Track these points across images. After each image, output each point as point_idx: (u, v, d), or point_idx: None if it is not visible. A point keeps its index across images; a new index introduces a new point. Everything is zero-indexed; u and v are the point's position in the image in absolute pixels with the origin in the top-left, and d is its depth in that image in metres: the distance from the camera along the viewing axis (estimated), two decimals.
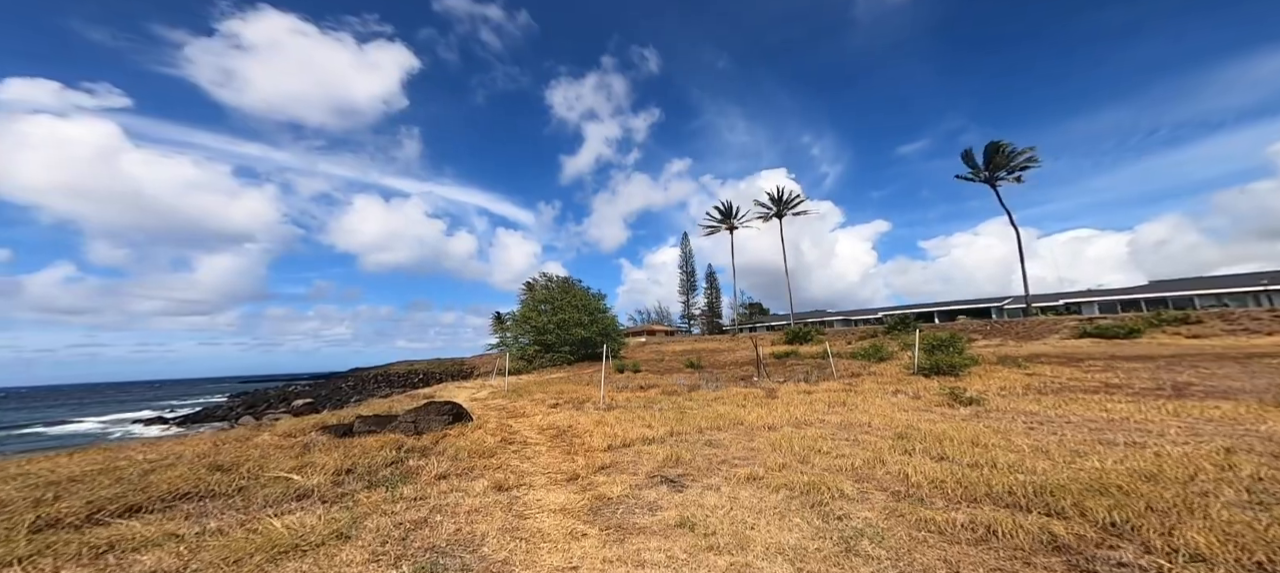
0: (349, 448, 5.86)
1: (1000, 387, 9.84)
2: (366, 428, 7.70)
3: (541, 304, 33.86)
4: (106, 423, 37.77)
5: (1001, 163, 45.50)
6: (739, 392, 12.16)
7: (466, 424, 7.83)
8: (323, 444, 6.16)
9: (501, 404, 12.25)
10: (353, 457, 5.44)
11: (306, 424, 8.20)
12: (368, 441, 6.23)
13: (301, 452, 5.66)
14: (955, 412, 7.64)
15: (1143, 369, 11.69)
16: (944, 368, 12.68)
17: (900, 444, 5.57)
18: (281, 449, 5.80)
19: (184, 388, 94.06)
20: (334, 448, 5.86)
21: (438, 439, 6.71)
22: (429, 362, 73.65)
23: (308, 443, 6.19)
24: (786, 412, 8.59)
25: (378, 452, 5.66)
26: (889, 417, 7.35)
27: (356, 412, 9.89)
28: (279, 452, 5.62)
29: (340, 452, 5.61)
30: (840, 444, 5.82)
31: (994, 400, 8.21)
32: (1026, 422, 6.50)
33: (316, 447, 6.03)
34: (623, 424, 7.93)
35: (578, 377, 20.93)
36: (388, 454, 5.57)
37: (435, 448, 6.22)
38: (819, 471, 4.80)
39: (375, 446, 5.87)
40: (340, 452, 5.61)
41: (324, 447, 6.03)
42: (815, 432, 6.74)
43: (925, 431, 6.07)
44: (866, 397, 9.82)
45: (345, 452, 5.60)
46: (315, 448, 5.91)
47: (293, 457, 5.38)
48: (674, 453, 5.70)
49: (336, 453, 5.54)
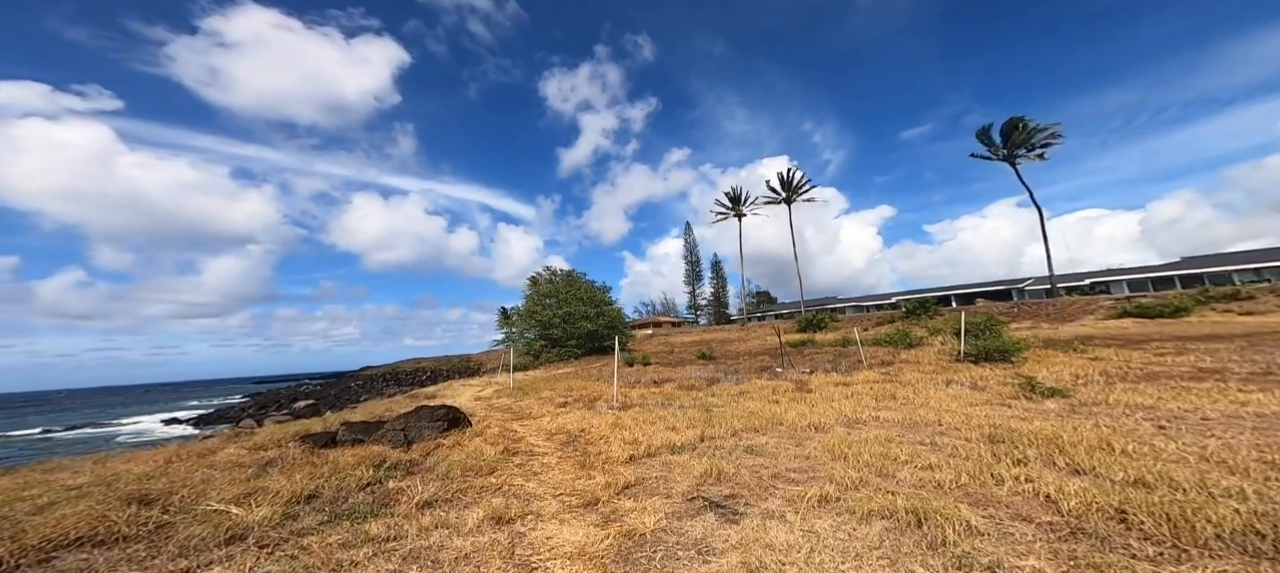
0: (319, 465, 4.85)
1: (1074, 375, 8.64)
2: (351, 436, 6.72)
3: (546, 298, 32.97)
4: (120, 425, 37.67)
5: (1021, 140, 43.57)
6: (765, 385, 11.05)
7: (464, 431, 6.81)
8: (291, 460, 5.17)
9: (506, 404, 11.26)
10: (320, 477, 4.43)
11: (286, 433, 7.24)
12: (345, 455, 5.22)
13: (258, 472, 4.66)
14: (1039, 406, 6.48)
15: (1224, 351, 10.39)
16: (993, 354, 11.47)
17: (1000, 450, 4.44)
18: (237, 468, 4.81)
19: (202, 390, 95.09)
20: (301, 466, 4.86)
21: (429, 451, 5.69)
22: (436, 359, 73.45)
23: (273, 459, 5.20)
24: (830, 408, 7.48)
25: (353, 470, 4.64)
26: (962, 413, 6.21)
27: (345, 417, 8.93)
28: (231, 472, 4.63)
29: (306, 471, 4.60)
30: (918, 450, 4.70)
31: (1080, 392, 7.03)
32: (1147, 419, 5.32)
33: (282, 464, 5.04)
34: (642, 427, 6.87)
35: (586, 371, 19.95)
36: (364, 473, 4.55)
37: (424, 463, 5.20)
38: (910, 488, 3.70)
39: (351, 462, 4.85)
40: (306, 471, 4.60)
41: (291, 464, 5.03)
42: (876, 433, 5.62)
43: (1023, 431, 4.93)
44: (916, 389, 8.67)
45: (313, 471, 4.59)
46: (279, 466, 4.92)
47: (244, 479, 4.38)
48: (713, 466, 4.62)
49: (301, 473, 4.53)
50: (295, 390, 54.08)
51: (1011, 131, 43.49)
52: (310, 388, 57.29)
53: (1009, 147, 44.21)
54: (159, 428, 36.18)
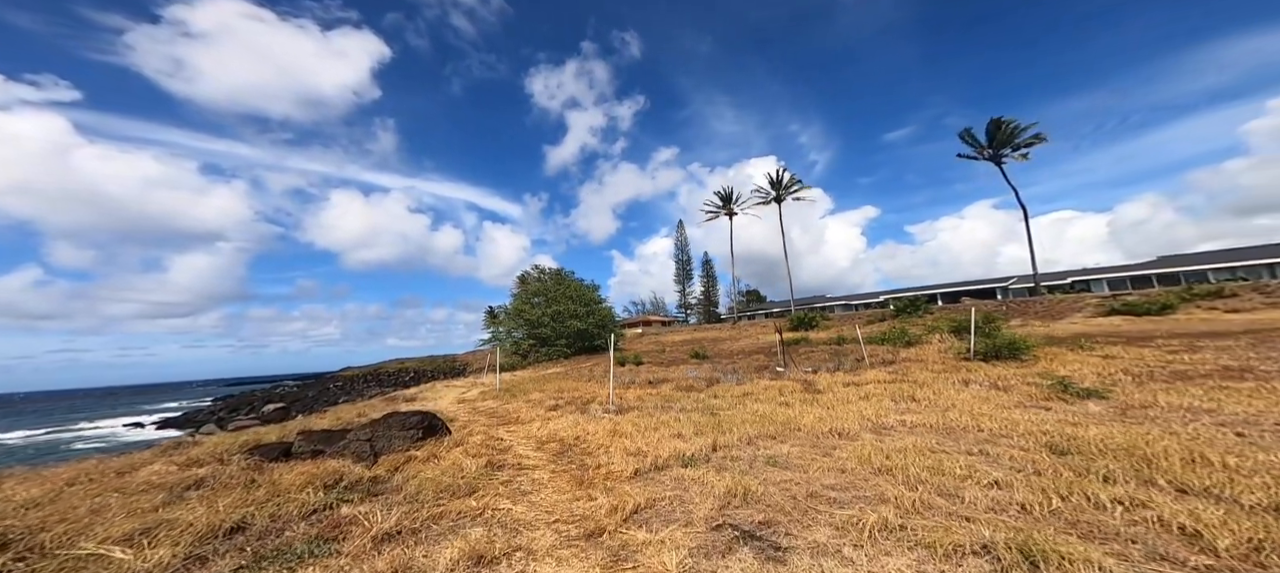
0: (257, 485, 3.99)
1: (1098, 375, 8.18)
2: (309, 448, 5.83)
3: (535, 297, 32.06)
4: (69, 431, 35.51)
5: (1005, 139, 44.11)
6: (770, 385, 10.41)
7: (442, 440, 5.98)
8: (226, 479, 4.28)
9: (492, 408, 10.41)
10: (254, 502, 3.58)
11: (234, 444, 6.31)
12: (293, 472, 4.35)
13: (172, 498, 3.77)
14: (1081, 408, 5.93)
15: (1237, 348, 10.11)
16: (1003, 352, 11.04)
17: (1073, 464, 3.81)
18: (150, 491, 3.91)
19: (171, 392, 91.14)
20: (233, 486, 3.99)
21: (398, 465, 4.85)
22: (421, 359, 71.59)
23: (204, 478, 4.30)
24: (848, 411, 6.84)
25: (298, 493, 3.80)
26: (1001, 418, 5.62)
27: (310, 423, 7.99)
28: (140, 497, 3.74)
29: (237, 495, 3.74)
30: (973, 463, 4.06)
31: (1117, 393, 6.52)
32: (1214, 424, 4.78)
33: (213, 484, 4.16)
34: (645, 434, 6.13)
35: (577, 371, 19.12)
36: (311, 496, 3.71)
37: (390, 481, 4.37)
38: (988, 512, 3.03)
39: (298, 481, 4.00)
40: (237, 495, 3.74)
41: (223, 484, 4.15)
42: (912, 441, 4.98)
43: (1086, 439, 4.33)
44: (934, 389, 8.11)
45: (245, 494, 3.73)
46: (208, 486, 4.04)
47: (151, 508, 3.50)
48: (736, 483, 3.90)
49: (230, 497, 3.67)
50: (270, 392, 51.98)
51: (996, 131, 43.99)
52: (287, 390, 55.18)
53: (994, 146, 44.71)
54: (122, 432, 34.34)
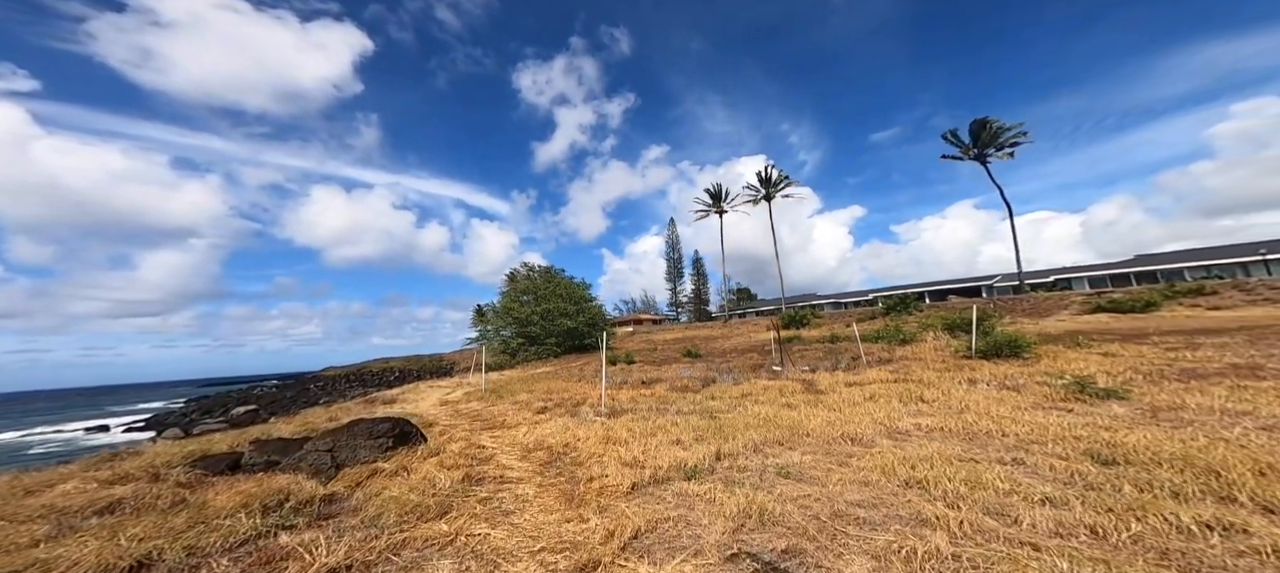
0: (181, 508, 3.36)
1: (1106, 374, 7.90)
2: (261, 460, 5.18)
3: (524, 295, 31.31)
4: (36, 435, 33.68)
5: (989, 139, 44.64)
6: (768, 385, 9.98)
7: (415, 449, 5.37)
8: (147, 499, 3.64)
9: (476, 410, 9.79)
10: (169, 532, 2.97)
11: (177, 454, 5.62)
12: (233, 490, 3.73)
13: (62, 529, 3.12)
14: (1106, 411, 5.58)
15: (1237, 346, 9.99)
16: (1004, 349, 10.80)
17: (1117, 474, 3.40)
18: (42, 519, 3.25)
19: (142, 393, 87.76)
20: (151, 510, 3.36)
21: (360, 480, 4.25)
22: (406, 359, 70.24)
23: (121, 499, 3.65)
24: (856, 413, 6.41)
25: (227, 517, 3.19)
26: (1024, 422, 5.23)
27: (270, 430, 7.30)
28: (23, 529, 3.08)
29: (151, 521, 3.12)
30: (1011, 474, 3.62)
31: (1137, 394, 6.20)
32: (1259, 429, 4.44)
33: (130, 506, 3.52)
34: (641, 440, 5.62)
35: (566, 371, 18.52)
36: (243, 523, 3.10)
37: (348, 501, 3.77)
38: (1054, 538, 2.58)
39: (232, 503, 3.39)
40: (151, 521, 3.12)
41: (140, 506, 3.51)
42: (933, 448, 4.55)
43: (1131, 447, 3.93)
44: (941, 389, 7.74)
45: (160, 520, 3.11)
46: (124, 510, 3.40)
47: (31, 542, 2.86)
48: (749, 501, 3.41)
49: (142, 524, 3.06)
50: (246, 393, 50.24)
51: (980, 131, 44.48)
52: (265, 390, 53.47)
53: (978, 146, 45.20)
54: (83, 437, 32.72)
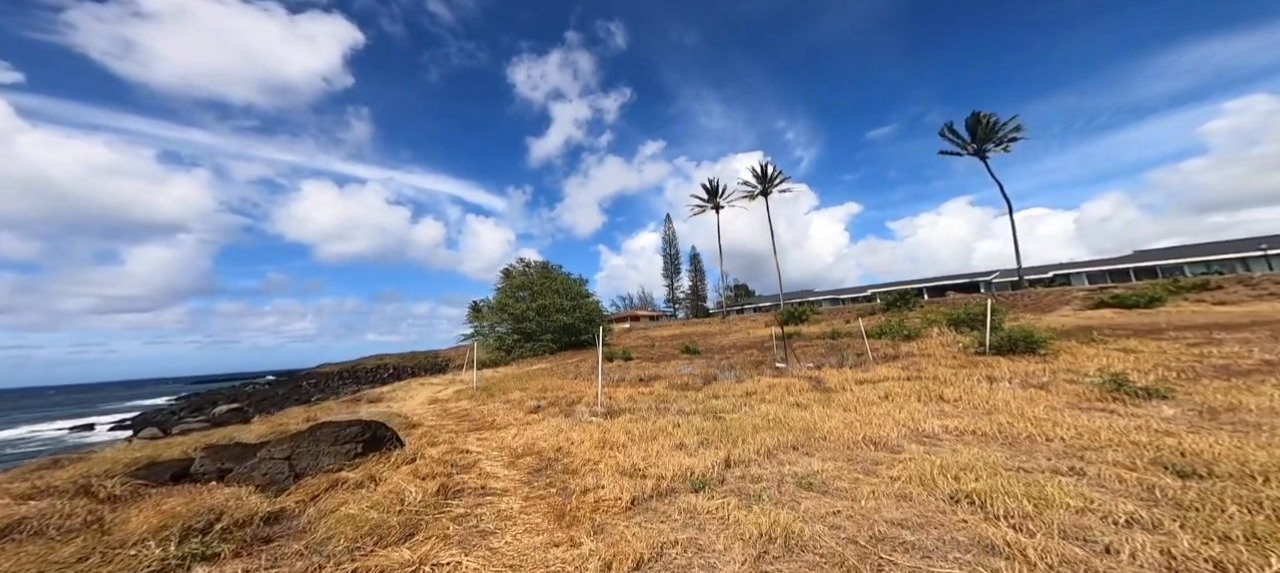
0: (83, 532, 2.79)
1: (1136, 371, 7.44)
2: (214, 467, 4.61)
3: (520, 291, 30.69)
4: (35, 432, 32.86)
5: (987, 134, 44.28)
6: (774, 383, 9.47)
7: (388, 455, 4.80)
8: (56, 518, 3.06)
9: (465, 409, 9.23)
10: (59, 563, 2.40)
11: (120, 463, 5.03)
12: (157, 509, 3.16)
13: None
14: (1154, 411, 5.09)
15: (1262, 340, 9.56)
16: (1019, 345, 10.33)
17: (1207, 490, 2.89)
18: None
19: (131, 391, 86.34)
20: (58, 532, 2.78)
21: (315, 494, 3.69)
22: (402, 355, 69.47)
23: (26, 518, 3.07)
24: (873, 414, 5.89)
25: (134, 547, 2.62)
26: (1064, 424, 4.72)
27: (232, 433, 6.72)
28: None
29: (38, 549, 2.54)
30: (1079, 488, 3.10)
31: (1180, 393, 5.72)
32: None
33: (32, 528, 2.94)
34: (640, 443, 5.08)
35: (562, 368, 17.97)
36: (154, 552, 2.53)
37: (296, 520, 3.21)
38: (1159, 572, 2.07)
39: (150, 525, 2.82)
40: (38, 549, 2.54)
41: (49, 526, 2.94)
42: (972, 455, 4.03)
43: (1203, 455, 3.43)
44: (961, 387, 7.25)
45: (44, 551, 2.54)
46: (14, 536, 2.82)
47: None
48: (769, 520, 2.87)
49: (27, 552, 2.48)
50: (236, 391, 49.47)
51: (976, 126, 44.09)
52: (259, 387, 52.71)
53: (976, 140, 44.82)
54: (68, 436, 31.92)
